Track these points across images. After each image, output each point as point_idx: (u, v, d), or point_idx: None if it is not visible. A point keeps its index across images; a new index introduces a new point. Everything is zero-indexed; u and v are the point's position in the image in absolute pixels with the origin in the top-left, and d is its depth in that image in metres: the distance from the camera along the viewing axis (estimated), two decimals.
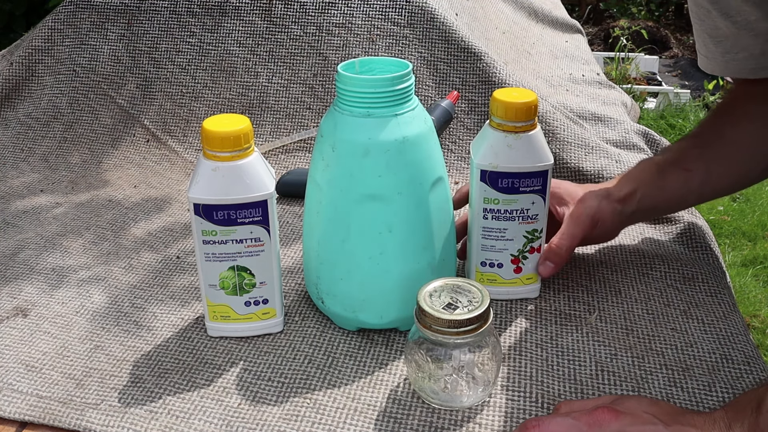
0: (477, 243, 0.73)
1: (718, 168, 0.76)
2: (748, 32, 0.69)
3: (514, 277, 0.74)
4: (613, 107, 1.21)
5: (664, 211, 0.81)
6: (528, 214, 0.71)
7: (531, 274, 0.74)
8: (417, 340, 0.61)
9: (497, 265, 0.74)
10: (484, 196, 0.71)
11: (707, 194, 0.79)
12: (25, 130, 1.15)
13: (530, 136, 0.69)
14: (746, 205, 2.53)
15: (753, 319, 1.97)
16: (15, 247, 0.88)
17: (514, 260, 0.73)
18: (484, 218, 0.72)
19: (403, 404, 0.62)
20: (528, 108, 0.68)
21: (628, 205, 0.74)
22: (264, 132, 1.11)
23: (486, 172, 0.70)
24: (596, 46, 3.98)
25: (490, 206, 0.71)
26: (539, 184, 0.70)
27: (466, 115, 1.08)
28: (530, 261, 0.74)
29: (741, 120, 0.77)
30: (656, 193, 0.75)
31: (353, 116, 0.64)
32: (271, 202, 0.66)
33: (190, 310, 0.76)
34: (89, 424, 0.61)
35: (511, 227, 0.72)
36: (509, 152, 0.69)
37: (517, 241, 0.72)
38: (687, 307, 0.74)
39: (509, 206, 0.71)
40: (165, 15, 1.19)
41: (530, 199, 0.70)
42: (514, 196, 0.70)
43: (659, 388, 0.64)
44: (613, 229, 0.75)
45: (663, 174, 0.75)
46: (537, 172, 0.69)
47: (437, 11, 1.13)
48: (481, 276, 0.75)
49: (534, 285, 0.75)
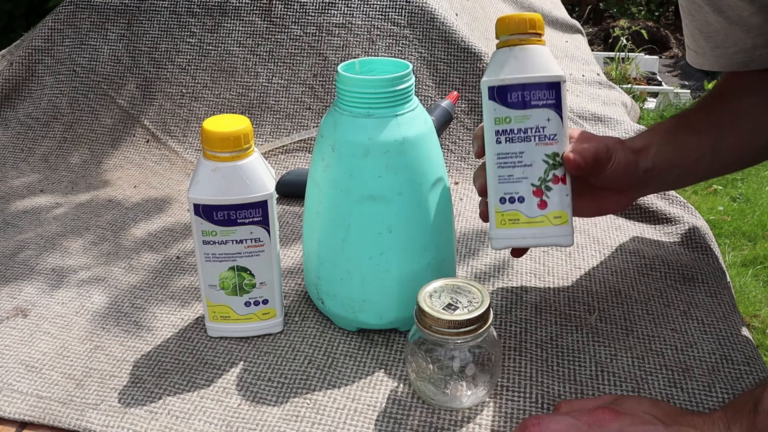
0: (493, 176, 0.65)
1: (726, 135, 0.73)
2: (740, 27, 0.69)
3: (539, 213, 0.65)
4: (613, 107, 1.21)
5: (677, 178, 0.75)
6: (545, 133, 0.64)
7: (559, 212, 0.65)
8: (417, 341, 0.61)
9: (518, 199, 0.65)
10: (495, 116, 0.64)
11: (717, 163, 0.75)
12: (25, 130, 1.15)
13: (537, 48, 0.64)
14: (746, 205, 2.53)
15: (753, 319, 1.97)
16: (15, 247, 0.88)
17: (536, 191, 0.64)
18: (498, 142, 0.64)
19: (403, 404, 0.63)
20: (531, 19, 0.64)
21: (643, 158, 0.70)
22: (264, 132, 1.11)
23: (494, 88, 0.64)
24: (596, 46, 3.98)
25: (502, 126, 0.64)
26: (552, 97, 0.63)
27: (466, 115, 1.08)
28: (556, 194, 0.64)
29: (742, 95, 0.76)
30: (670, 152, 0.71)
31: (353, 116, 0.64)
32: (271, 202, 0.66)
33: (190, 310, 0.76)
34: (89, 424, 0.61)
35: (527, 149, 0.64)
36: (515, 63, 0.64)
37: (536, 166, 0.64)
38: (687, 308, 0.74)
39: (522, 124, 0.64)
40: (165, 15, 1.19)
41: (545, 115, 0.63)
42: (526, 111, 0.63)
43: (659, 389, 0.64)
44: (624, 181, 0.69)
45: (675, 134, 0.72)
46: (547, 83, 0.63)
47: (437, 11, 1.13)
48: (502, 217, 0.65)
49: (565, 227, 0.65)
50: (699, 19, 0.73)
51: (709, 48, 0.74)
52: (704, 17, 0.72)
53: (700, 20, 0.73)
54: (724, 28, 0.70)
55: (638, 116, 1.44)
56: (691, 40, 0.76)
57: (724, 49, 0.73)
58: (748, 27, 0.69)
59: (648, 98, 3.34)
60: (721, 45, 0.72)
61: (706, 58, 0.75)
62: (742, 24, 0.69)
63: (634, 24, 4.05)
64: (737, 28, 0.70)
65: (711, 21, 0.71)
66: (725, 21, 0.69)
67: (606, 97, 1.25)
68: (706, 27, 0.73)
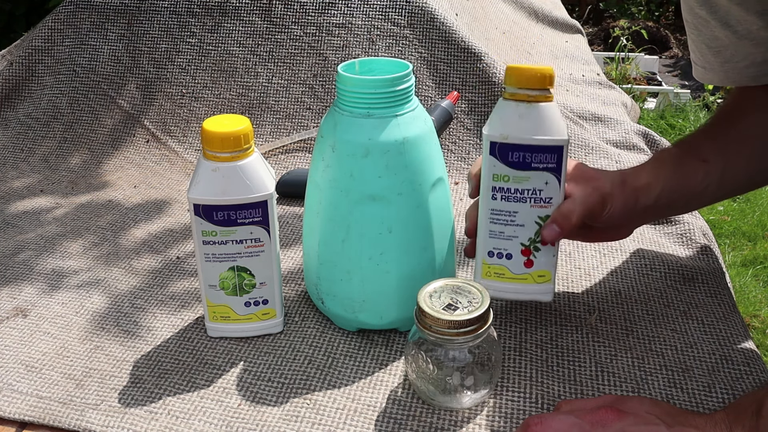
0: (485, 229, 0.67)
1: (734, 159, 0.72)
2: (749, 41, 0.67)
3: (524, 271, 0.67)
4: (613, 107, 1.21)
5: (680, 208, 0.75)
6: (541, 196, 0.65)
7: (544, 271, 0.67)
8: (417, 341, 0.61)
9: (506, 255, 0.67)
10: (494, 172, 0.64)
11: (726, 188, 0.74)
12: (25, 131, 1.15)
13: (544, 107, 0.63)
14: (746, 205, 2.53)
15: (753, 319, 1.97)
16: (15, 247, 0.88)
17: (524, 251, 0.67)
18: (493, 198, 0.65)
19: (402, 405, 0.62)
20: (542, 75, 0.62)
21: (644, 196, 0.69)
22: (264, 132, 1.11)
23: (495, 144, 0.64)
24: (596, 46, 3.98)
25: (500, 184, 0.65)
26: (553, 161, 0.63)
27: (466, 116, 1.08)
28: (543, 254, 0.66)
29: (752, 113, 0.74)
30: (675, 186, 0.70)
31: (353, 117, 0.64)
32: (271, 202, 0.66)
33: (190, 310, 0.76)
34: (89, 424, 0.61)
35: (522, 210, 0.65)
36: (520, 122, 0.63)
37: (528, 227, 0.66)
38: (687, 308, 0.74)
39: (520, 184, 0.64)
40: (165, 15, 1.19)
41: (543, 178, 0.64)
42: (525, 172, 0.64)
43: (659, 389, 0.64)
44: (621, 220, 0.69)
45: (682, 165, 0.71)
46: (551, 146, 0.63)
47: (437, 11, 1.13)
48: (489, 269, 0.68)
49: (547, 285, 0.68)
50: (706, 34, 0.71)
51: (717, 63, 0.72)
52: (711, 32, 0.70)
53: (708, 35, 0.71)
54: (733, 43, 0.69)
55: (638, 116, 1.44)
56: (699, 56, 0.74)
57: (734, 64, 0.71)
58: (757, 41, 0.67)
59: (648, 98, 3.33)
60: (730, 60, 0.70)
61: (716, 74, 0.73)
62: (751, 38, 0.67)
63: (634, 24, 4.04)
64: (746, 43, 0.68)
65: (719, 35, 0.69)
66: (734, 35, 0.68)
67: (606, 97, 1.25)
68: (714, 42, 0.71)
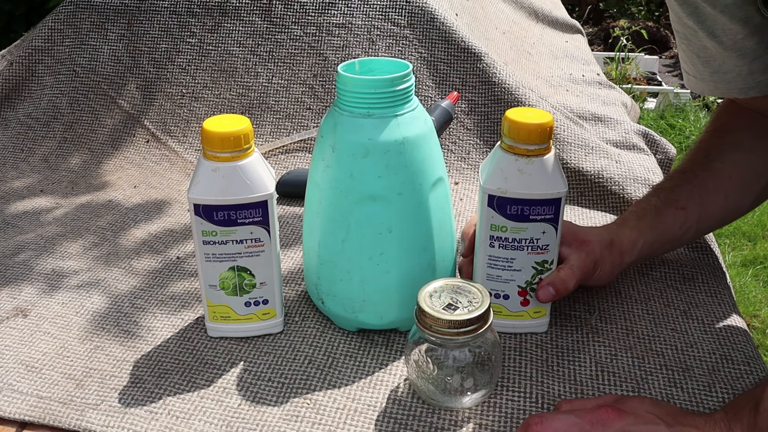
0: (482, 272, 0.68)
1: (711, 202, 0.75)
2: (734, 53, 0.67)
3: (520, 309, 0.69)
4: (613, 107, 1.21)
5: (659, 254, 0.80)
6: (538, 244, 0.66)
7: (539, 308, 0.69)
8: (417, 341, 0.61)
9: (503, 296, 0.69)
10: (492, 222, 0.66)
11: (702, 230, 0.78)
12: (25, 131, 1.15)
13: (543, 161, 0.64)
14: None
15: (753, 319, 1.97)
16: (15, 247, 0.88)
17: (521, 292, 0.68)
18: (491, 246, 0.67)
19: (403, 405, 0.62)
20: (542, 130, 0.63)
21: (628, 255, 0.73)
22: (264, 132, 1.11)
23: (494, 197, 0.65)
24: (596, 46, 3.98)
25: (498, 234, 0.66)
26: (551, 212, 0.65)
27: (466, 116, 1.08)
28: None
29: (728, 152, 0.76)
30: (657, 236, 0.74)
31: (353, 117, 0.64)
32: (271, 202, 0.66)
33: (190, 310, 0.76)
34: (89, 424, 0.61)
35: (519, 257, 0.67)
36: (520, 177, 0.64)
37: (525, 272, 0.67)
38: (687, 308, 0.74)
39: (518, 235, 0.66)
40: (165, 15, 1.19)
41: (541, 228, 0.65)
42: (523, 224, 0.65)
43: (659, 389, 0.64)
44: (609, 276, 0.73)
45: (661, 216, 0.74)
46: (549, 199, 0.64)
47: (437, 11, 1.13)
48: None
49: (542, 319, 0.70)
50: (695, 43, 0.71)
51: (708, 73, 0.72)
52: (700, 41, 0.70)
53: (697, 45, 0.71)
54: (720, 53, 0.69)
55: (638, 116, 1.44)
56: (690, 65, 0.75)
57: (722, 75, 0.71)
58: (742, 52, 0.67)
59: (648, 98, 3.33)
60: (718, 70, 0.71)
61: (706, 84, 0.73)
62: (736, 49, 0.67)
63: (634, 24, 4.04)
64: (732, 54, 0.68)
65: (707, 45, 0.70)
66: (720, 46, 0.68)
67: (606, 97, 1.25)
68: (703, 52, 0.71)
